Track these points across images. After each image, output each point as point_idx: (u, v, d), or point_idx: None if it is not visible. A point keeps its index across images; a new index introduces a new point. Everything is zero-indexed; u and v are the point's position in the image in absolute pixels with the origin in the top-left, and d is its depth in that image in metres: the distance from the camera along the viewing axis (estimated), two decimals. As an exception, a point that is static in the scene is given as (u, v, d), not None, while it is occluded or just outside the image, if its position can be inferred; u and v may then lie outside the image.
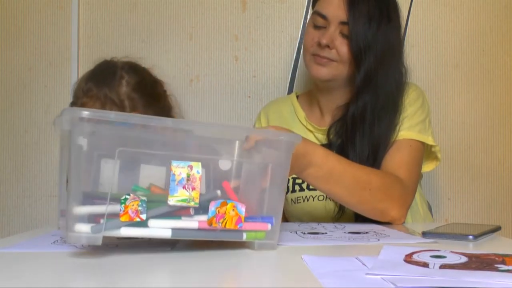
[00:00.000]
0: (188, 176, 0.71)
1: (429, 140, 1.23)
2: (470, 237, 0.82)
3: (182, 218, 0.72)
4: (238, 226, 0.74)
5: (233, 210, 0.73)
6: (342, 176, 1.03)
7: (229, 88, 1.69)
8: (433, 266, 0.58)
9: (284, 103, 1.42)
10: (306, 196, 1.28)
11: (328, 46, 1.20)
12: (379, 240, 0.84)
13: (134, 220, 0.69)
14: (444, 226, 0.96)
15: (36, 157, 1.69)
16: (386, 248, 0.69)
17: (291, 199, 1.31)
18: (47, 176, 1.68)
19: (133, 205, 0.69)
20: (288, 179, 1.31)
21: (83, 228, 0.67)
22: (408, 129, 1.20)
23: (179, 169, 0.71)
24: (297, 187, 1.30)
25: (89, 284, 0.58)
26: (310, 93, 1.40)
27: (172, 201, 0.71)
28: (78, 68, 1.68)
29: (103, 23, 1.70)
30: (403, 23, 1.30)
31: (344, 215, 1.20)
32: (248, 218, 0.75)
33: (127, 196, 0.69)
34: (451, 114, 1.67)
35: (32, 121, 1.69)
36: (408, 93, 1.25)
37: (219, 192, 0.76)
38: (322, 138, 1.30)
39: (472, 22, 1.67)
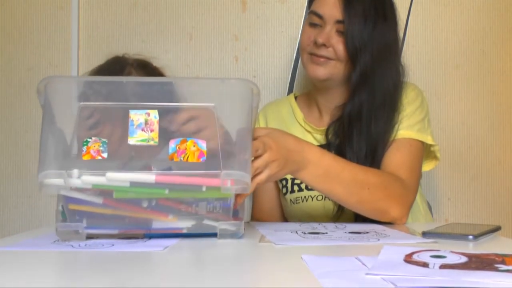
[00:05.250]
0: (146, 121, 0.78)
1: (428, 140, 1.23)
2: (470, 237, 0.82)
3: (140, 172, 0.78)
4: (201, 160, 0.77)
5: (194, 146, 0.77)
6: (340, 175, 1.03)
7: (229, 88, 1.69)
8: (433, 266, 0.58)
9: (283, 104, 1.42)
10: (305, 196, 1.28)
11: (324, 45, 1.21)
12: (379, 240, 0.84)
13: (96, 158, 0.76)
14: (444, 226, 0.96)
15: (36, 157, 1.68)
16: (386, 248, 0.69)
17: (290, 200, 1.31)
18: (47, 176, 1.68)
19: (94, 146, 0.76)
20: (287, 180, 1.31)
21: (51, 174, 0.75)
22: (407, 128, 1.20)
23: (137, 116, 0.78)
24: (296, 188, 1.30)
25: (90, 283, 0.58)
26: (309, 93, 1.40)
27: (132, 141, 0.77)
28: (78, 68, 1.68)
29: (103, 23, 1.70)
30: (402, 22, 1.30)
31: (344, 214, 1.20)
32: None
33: (89, 139, 0.76)
34: (451, 114, 1.67)
35: (32, 121, 1.69)
36: (407, 93, 1.25)
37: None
38: (321, 138, 1.30)
39: (472, 22, 1.67)
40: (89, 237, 0.86)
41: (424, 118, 1.24)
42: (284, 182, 1.32)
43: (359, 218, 1.14)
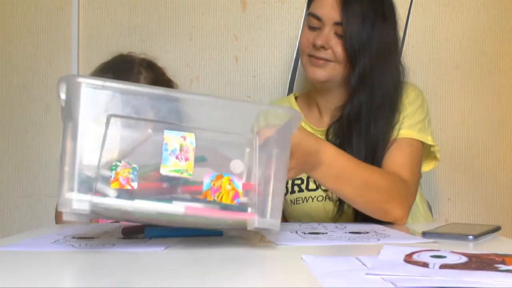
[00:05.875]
0: (181, 146, 0.70)
1: (429, 140, 1.23)
2: (470, 237, 0.82)
3: (170, 203, 0.70)
4: (235, 202, 0.71)
5: (229, 184, 0.71)
6: (352, 176, 1.03)
7: (229, 88, 1.69)
8: (433, 266, 0.58)
9: (282, 104, 1.42)
10: (305, 197, 1.28)
11: (323, 47, 1.21)
12: (379, 240, 0.84)
13: (125, 187, 0.68)
14: (444, 226, 0.96)
15: (36, 157, 1.69)
16: (386, 248, 0.69)
17: (290, 200, 1.31)
18: (47, 176, 1.68)
19: (124, 172, 0.68)
20: (287, 181, 1.31)
21: (73, 192, 0.66)
22: (408, 128, 1.20)
23: (172, 139, 0.70)
24: (296, 188, 1.30)
25: (90, 283, 0.58)
26: (309, 94, 1.40)
27: (164, 171, 0.69)
28: (78, 68, 1.68)
29: (103, 23, 1.70)
30: (401, 22, 1.30)
31: (343, 215, 1.20)
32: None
33: (118, 163, 0.68)
34: (451, 115, 1.67)
35: (32, 121, 1.69)
36: (407, 93, 1.25)
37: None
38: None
39: (472, 22, 1.67)
40: (90, 236, 0.86)
41: (424, 119, 1.24)
42: (284, 182, 1.32)
43: (359, 219, 1.14)
